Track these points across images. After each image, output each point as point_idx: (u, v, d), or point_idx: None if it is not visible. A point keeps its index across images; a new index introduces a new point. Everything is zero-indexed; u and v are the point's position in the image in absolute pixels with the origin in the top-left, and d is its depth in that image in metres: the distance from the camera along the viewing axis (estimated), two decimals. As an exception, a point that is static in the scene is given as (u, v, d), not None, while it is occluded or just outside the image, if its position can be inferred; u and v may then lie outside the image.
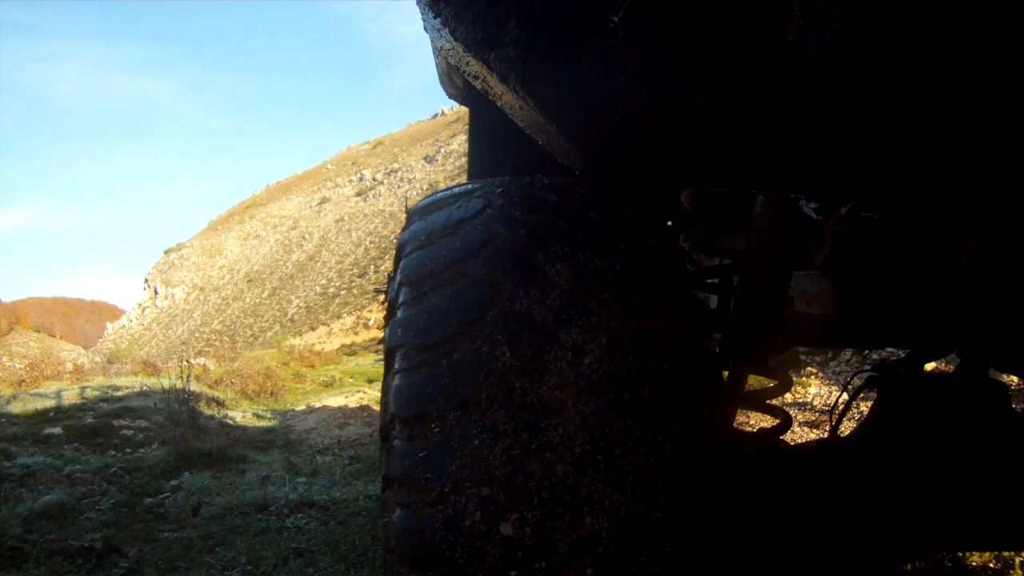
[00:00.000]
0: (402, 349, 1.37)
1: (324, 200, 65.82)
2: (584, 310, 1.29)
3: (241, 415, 9.01)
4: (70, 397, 8.98)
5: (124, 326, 60.86)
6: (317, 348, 25.84)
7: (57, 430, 6.64)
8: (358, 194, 61.54)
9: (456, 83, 1.93)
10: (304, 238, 59.82)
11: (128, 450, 6.30)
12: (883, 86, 0.85)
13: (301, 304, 47.93)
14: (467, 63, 1.16)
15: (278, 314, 48.56)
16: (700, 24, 0.92)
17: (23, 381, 11.95)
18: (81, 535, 4.02)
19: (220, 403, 9.06)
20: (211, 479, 5.19)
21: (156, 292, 62.35)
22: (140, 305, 63.19)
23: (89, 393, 9.37)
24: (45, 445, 6.18)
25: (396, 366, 1.37)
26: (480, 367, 1.26)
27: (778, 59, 0.88)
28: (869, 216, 1.29)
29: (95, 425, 6.98)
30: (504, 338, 1.27)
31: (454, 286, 1.37)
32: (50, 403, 8.38)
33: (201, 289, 60.27)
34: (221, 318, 53.00)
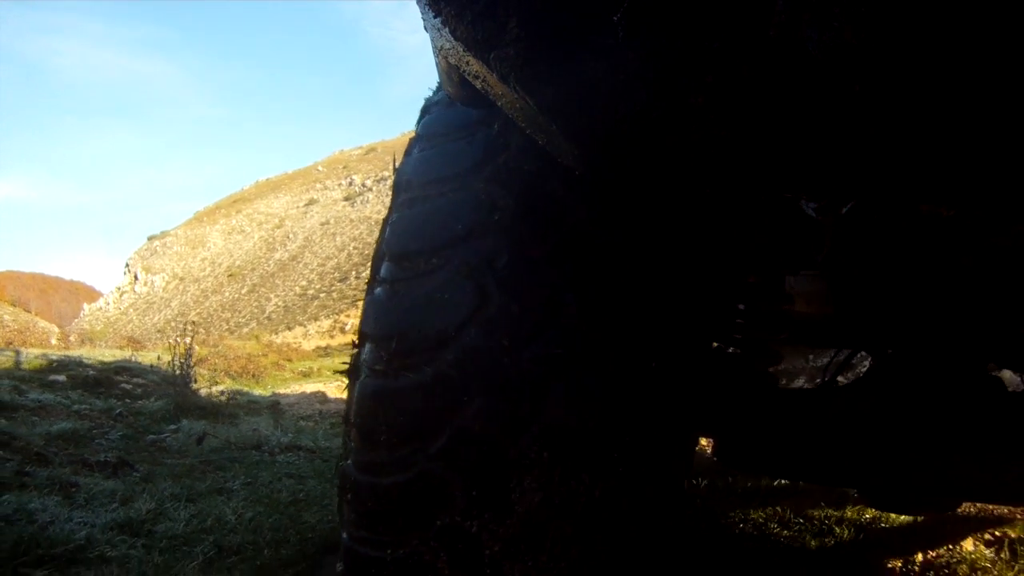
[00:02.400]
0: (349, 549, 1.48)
1: (312, 202, 65.91)
2: (535, 548, 1.35)
3: (226, 389, 9.53)
4: (67, 355, 9.45)
5: (101, 308, 60.45)
6: (293, 346, 26.15)
7: (61, 378, 7.16)
8: (346, 199, 61.73)
9: (456, 83, 2.10)
10: (288, 238, 59.83)
11: (128, 400, 6.83)
12: (883, 86, 0.84)
13: (280, 303, 48.01)
14: (467, 63, 1.15)
15: (255, 311, 48.56)
16: (700, 24, 0.88)
17: (11, 343, 12.38)
18: (96, 454, 4.58)
19: (211, 372, 9.56)
20: (207, 426, 5.75)
21: (136, 278, 62.09)
22: (119, 289, 62.86)
23: (83, 355, 9.83)
24: (51, 389, 6.69)
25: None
26: None
27: (778, 59, 0.86)
28: (869, 216, 1.30)
29: (97, 377, 7.50)
30: (446, 556, 1.34)
31: (404, 473, 1.39)
32: (47, 362, 8.85)
33: (181, 279, 60.11)
34: (199, 309, 52.86)
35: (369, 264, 1.68)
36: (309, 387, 11.22)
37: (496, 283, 1.42)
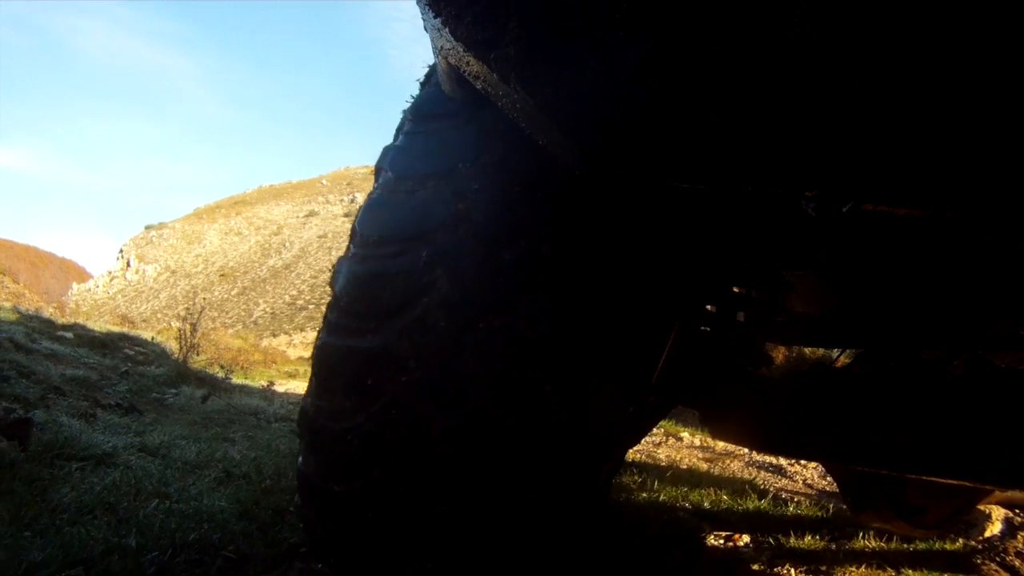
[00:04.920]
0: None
1: (312, 214, 66.29)
2: None
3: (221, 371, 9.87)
4: (66, 321, 9.79)
5: (89, 290, 60.22)
6: (279, 351, 26.41)
7: (69, 335, 7.51)
8: (346, 215, 61.98)
9: (456, 83, 1.75)
10: (284, 246, 60.08)
11: (131, 364, 7.17)
12: (883, 85, 0.84)
13: (267, 309, 48.16)
14: (467, 63, 1.15)
15: (243, 314, 48.63)
16: (700, 24, 0.88)
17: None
18: (107, 398, 4.94)
19: (206, 359, 9.88)
20: (208, 391, 6.12)
21: (128, 264, 62.08)
22: (110, 273, 62.72)
23: (84, 322, 10.15)
24: (60, 343, 7.03)
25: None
26: None
27: (778, 58, 0.86)
28: (869, 215, 1.30)
29: (102, 339, 7.85)
30: None
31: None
32: (52, 322, 9.17)
33: (173, 272, 60.13)
34: (186, 304, 52.57)
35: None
36: (296, 384, 11.54)
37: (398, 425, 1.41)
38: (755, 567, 2.64)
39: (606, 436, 1.60)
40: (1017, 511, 4.04)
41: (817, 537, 3.23)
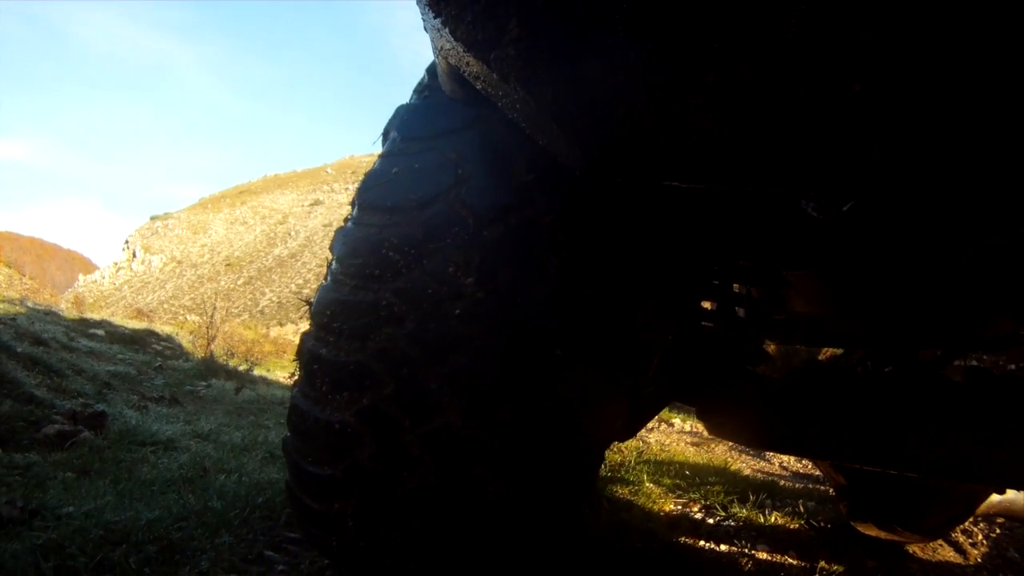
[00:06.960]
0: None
1: (317, 202, 66.57)
2: None
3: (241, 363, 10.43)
4: (93, 318, 10.36)
5: (96, 281, 60.50)
6: (288, 340, 26.88)
7: (100, 332, 8.09)
8: (352, 203, 62.22)
9: (456, 83, 1.69)
10: (290, 235, 60.38)
11: (161, 359, 7.76)
12: (882, 86, 0.83)
13: (274, 298, 48.60)
14: (467, 63, 1.15)
15: (249, 303, 49.02)
16: (700, 24, 0.87)
17: (25, 298, 13.17)
18: (149, 391, 5.53)
19: (222, 352, 10.41)
20: (236, 384, 6.69)
21: (134, 255, 62.48)
22: (116, 264, 63.09)
23: (109, 318, 10.71)
24: (94, 340, 7.62)
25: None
26: None
27: (778, 58, 0.85)
28: (869, 215, 1.28)
29: (131, 336, 8.44)
30: None
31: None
32: (80, 319, 9.74)
33: (179, 262, 60.48)
34: (193, 295, 53.07)
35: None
36: (307, 374, 12.05)
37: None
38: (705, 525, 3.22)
39: (596, 421, 1.63)
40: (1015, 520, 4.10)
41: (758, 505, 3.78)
